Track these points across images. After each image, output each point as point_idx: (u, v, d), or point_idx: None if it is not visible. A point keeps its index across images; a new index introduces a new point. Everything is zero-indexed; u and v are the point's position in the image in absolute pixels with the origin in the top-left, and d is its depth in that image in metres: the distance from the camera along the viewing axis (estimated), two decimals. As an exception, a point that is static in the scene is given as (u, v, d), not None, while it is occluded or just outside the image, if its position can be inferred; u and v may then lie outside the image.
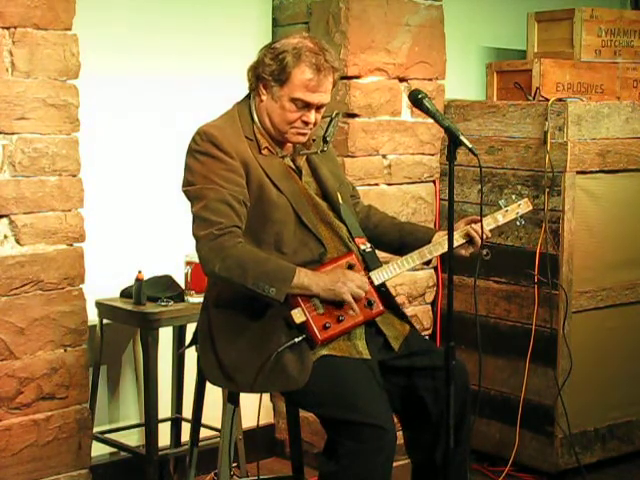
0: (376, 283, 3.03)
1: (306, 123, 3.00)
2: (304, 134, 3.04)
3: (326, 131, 3.12)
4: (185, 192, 3.00)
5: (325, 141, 3.13)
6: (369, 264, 3.07)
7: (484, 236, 3.09)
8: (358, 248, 3.08)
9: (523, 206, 3.25)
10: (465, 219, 3.18)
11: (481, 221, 3.06)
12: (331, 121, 3.11)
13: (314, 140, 3.15)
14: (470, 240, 3.12)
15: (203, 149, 2.96)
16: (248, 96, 3.11)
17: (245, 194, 2.95)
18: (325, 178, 3.13)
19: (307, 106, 2.98)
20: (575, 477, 4.12)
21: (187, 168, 3.00)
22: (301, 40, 3.00)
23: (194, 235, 2.93)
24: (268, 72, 2.97)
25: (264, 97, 3.01)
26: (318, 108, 3.01)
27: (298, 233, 3.00)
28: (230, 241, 2.88)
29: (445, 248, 3.03)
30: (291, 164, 3.09)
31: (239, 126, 3.03)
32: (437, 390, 3.00)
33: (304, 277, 2.90)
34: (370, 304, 3.00)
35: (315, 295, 2.92)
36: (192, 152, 2.99)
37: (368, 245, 3.11)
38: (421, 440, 3.11)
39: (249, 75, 3.05)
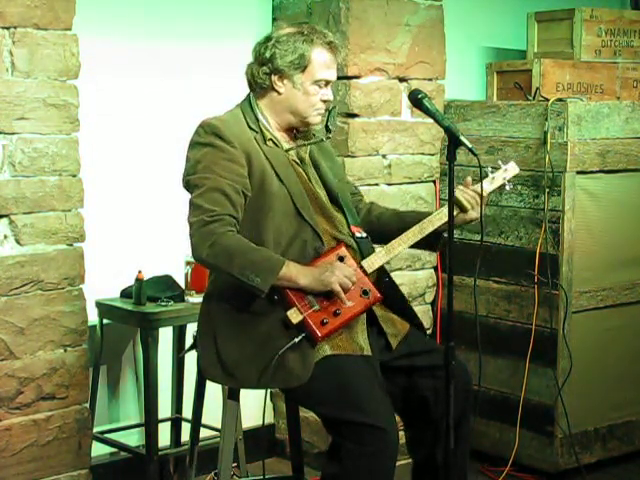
0: (369, 271, 3.03)
1: (324, 101, 3.08)
2: (322, 113, 3.11)
3: (327, 120, 3.16)
4: (185, 182, 3.02)
5: (328, 129, 3.17)
6: (363, 252, 3.08)
7: (474, 201, 3.06)
8: (353, 235, 3.10)
9: (510, 170, 3.18)
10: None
11: (481, 221, 3.05)
12: (330, 112, 3.16)
13: (314, 134, 3.20)
14: (461, 208, 3.08)
15: (206, 140, 2.98)
16: (247, 97, 3.14)
17: (245, 184, 2.96)
18: (324, 172, 3.17)
19: (325, 84, 3.07)
20: (575, 477, 4.12)
21: (188, 159, 3.02)
22: (295, 27, 3.10)
23: (188, 222, 2.95)
24: (287, 62, 3.02)
25: (282, 89, 3.05)
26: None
27: (295, 224, 3.01)
28: (220, 228, 2.89)
29: (434, 225, 3.05)
30: (295, 157, 3.12)
31: (243, 120, 3.07)
32: (438, 389, 3.00)
33: (292, 269, 2.90)
34: (366, 293, 2.99)
35: (302, 287, 2.92)
36: (194, 144, 3.01)
37: (364, 234, 3.13)
38: (422, 439, 3.12)
39: (258, 73, 3.06)
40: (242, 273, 2.87)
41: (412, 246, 3.10)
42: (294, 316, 2.91)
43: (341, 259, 3.01)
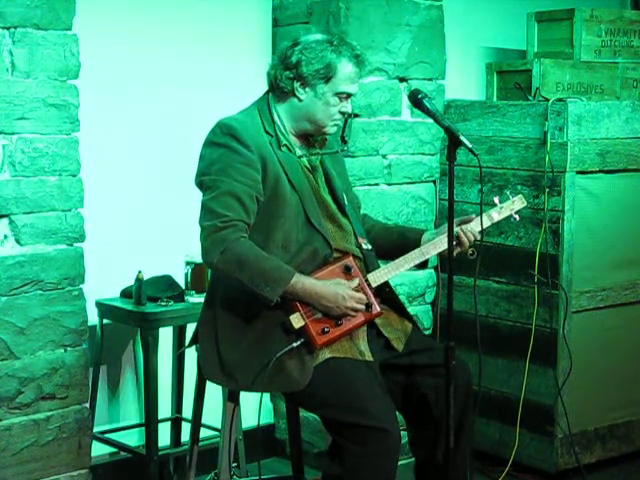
0: (373, 285, 3.03)
1: (343, 114, 3.05)
2: (338, 124, 3.08)
3: (343, 131, 3.14)
4: (199, 182, 3.00)
5: (344, 141, 3.17)
6: (368, 264, 3.08)
7: (473, 237, 3.11)
8: (360, 246, 3.10)
9: (517, 203, 3.24)
10: (456, 219, 3.13)
11: (481, 222, 3.05)
12: (347, 121, 3.13)
13: (326, 140, 3.16)
14: (458, 242, 3.11)
15: (222, 141, 2.95)
16: (264, 97, 3.11)
17: (259, 189, 2.95)
18: (334, 181, 3.15)
19: (347, 97, 3.04)
20: (575, 477, 4.12)
21: (203, 158, 3.00)
22: (325, 36, 3.06)
23: (199, 224, 2.94)
24: (312, 71, 2.98)
25: (303, 96, 3.02)
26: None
27: (306, 232, 3.01)
28: (233, 235, 2.88)
29: (438, 248, 3.08)
30: (307, 164, 3.10)
31: (259, 121, 3.04)
32: (438, 387, 3.00)
33: (301, 285, 2.90)
34: (368, 306, 3.00)
35: (308, 303, 2.93)
36: (210, 143, 2.99)
37: (369, 245, 3.14)
38: (423, 437, 3.12)
39: (281, 77, 3.02)
40: (252, 281, 2.87)
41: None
42: (296, 321, 2.92)
43: (347, 269, 3.00)
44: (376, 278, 3.04)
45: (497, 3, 4.91)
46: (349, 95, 3.04)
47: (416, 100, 2.96)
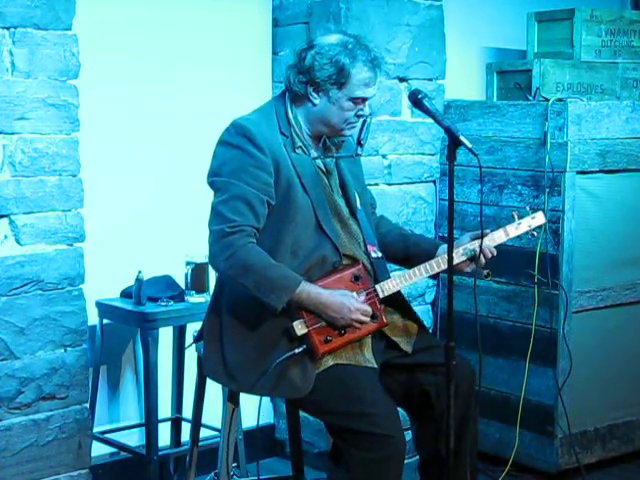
0: (381, 296, 3.01)
1: (360, 116, 3.00)
2: (355, 126, 3.04)
3: (360, 134, 3.07)
4: (210, 182, 2.98)
5: (360, 144, 3.09)
6: (377, 273, 3.06)
7: (490, 254, 3.06)
8: (369, 255, 3.07)
9: (537, 219, 3.17)
10: (471, 234, 3.12)
11: (481, 239, 3.02)
12: (364, 124, 3.06)
13: (343, 142, 3.13)
14: (473, 257, 3.07)
15: (235, 142, 2.92)
16: (282, 95, 3.07)
17: (271, 193, 2.92)
18: (347, 182, 3.12)
19: (363, 101, 2.99)
20: (575, 477, 4.12)
21: (216, 158, 2.98)
22: (341, 38, 2.99)
23: (208, 227, 2.93)
24: (325, 76, 2.93)
25: (317, 101, 2.98)
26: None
27: (316, 238, 2.98)
28: (239, 240, 2.86)
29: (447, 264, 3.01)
30: (322, 166, 3.07)
31: (275, 122, 3.00)
32: (439, 384, 2.98)
33: (306, 294, 2.88)
34: (374, 317, 2.98)
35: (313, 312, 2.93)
36: (223, 143, 2.96)
37: (379, 254, 3.10)
38: (426, 434, 3.11)
39: (294, 80, 2.98)
40: (257, 288, 2.86)
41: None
42: (299, 328, 2.91)
43: (356, 278, 2.99)
44: (384, 289, 3.02)
45: (497, 3, 4.91)
46: (365, 99, 2.99)
47: (416, 100, 2.95)
